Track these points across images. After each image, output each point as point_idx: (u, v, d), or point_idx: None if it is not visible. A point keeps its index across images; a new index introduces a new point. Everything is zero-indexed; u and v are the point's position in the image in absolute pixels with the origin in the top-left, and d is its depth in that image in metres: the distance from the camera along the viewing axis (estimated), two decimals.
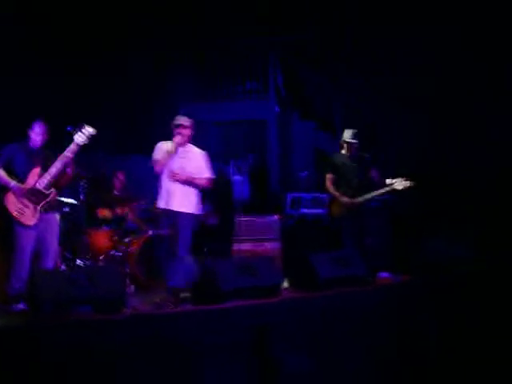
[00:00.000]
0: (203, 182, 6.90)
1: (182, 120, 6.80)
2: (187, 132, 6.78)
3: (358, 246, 7.66)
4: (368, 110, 10.99)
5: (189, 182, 6.77)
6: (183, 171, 6.74)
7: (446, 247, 8.14)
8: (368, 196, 7.86)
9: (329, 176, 7.95)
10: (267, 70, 11.34)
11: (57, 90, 9.24)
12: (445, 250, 8.11)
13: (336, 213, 7.91)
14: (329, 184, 7.93)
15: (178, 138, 6.72)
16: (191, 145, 6.94)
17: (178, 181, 6.70)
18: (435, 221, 8.98)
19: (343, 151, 8.03)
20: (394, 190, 7.79)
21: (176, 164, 6.75)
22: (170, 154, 6.69)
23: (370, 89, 11.06)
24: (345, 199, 7.79)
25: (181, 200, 6.73)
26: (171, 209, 6.70)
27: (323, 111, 11.54)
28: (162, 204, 6.74)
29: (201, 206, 7.05)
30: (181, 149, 6.77)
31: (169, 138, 6.80)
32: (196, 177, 6.81)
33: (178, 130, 6.75)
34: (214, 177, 7.03)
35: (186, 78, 11.15)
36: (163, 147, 6.78)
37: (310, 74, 11.54)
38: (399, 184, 7.73)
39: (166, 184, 6.73)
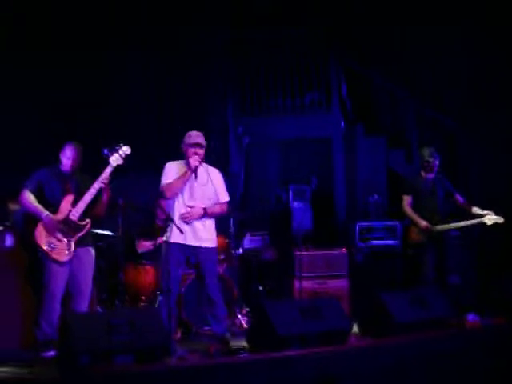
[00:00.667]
0: (221, 210, 6.81)
1: (199, 138, 6.66)
2: (203, 151, 6.65)
3: (440, 281, 7.58)
4: (449, 121, 10.91)
5: (208, 214, 6.69)
6: (202, 200, 6.65)
7: None
8: (451, 226, 7.84)
9: (406, 197, 8.04)
10: (329, 78, 11.30)
11: (92, 106, 9.42)
12: None
13: (415, 239, 7.94)
14: (406, 207, 8.02)
15: (195, 160, 6.55)
16: (205, 164, 6.82)
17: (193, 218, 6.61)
18: None
19: (422, 172, 8.02)
20: (482, 224, 7.73)
21: (193, 192, 6.65)
22: (185, 179, 6.58)
23: (452, 94, 11.03)
24: (423, 224, 7.80)
25: (203, 233, 6.67)
26: (192, 244, 6.59)
27: (395, 124, 11.48)
28: (176, 238, 6.50)
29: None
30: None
31: (180, 157, 6.71)
32: (212, 205, 6.71)
33: (194, 150, 6.59)
34: (229, 200, 6.92)
35: (237, 90, 11.18)
36: (174, 168, 6.67)
37: (378, 79, 11.51)
38: (489, 219, 7.66)
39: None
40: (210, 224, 6.77)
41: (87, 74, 9.38)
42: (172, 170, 6.66)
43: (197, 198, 6.65)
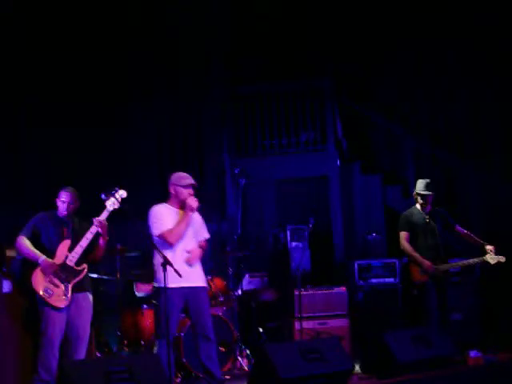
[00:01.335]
0: (206, 247, 6.79)
1: (190, 179, 6.61)
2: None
3: (442, 320, 7.47)
4: (444, 157, 10.91)
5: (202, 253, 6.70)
6: (192, 239, 6.59)
7: None
8: (454, 265, 7.76)
9: (404, 234, 7.87)
10: (324, 116, 11.32)
11: (93, 151, 9.43)
12: None
13: (417, 278, 7.74)
14: (405, 244, 7.83)
15: (195, 201, 6.50)
16: None
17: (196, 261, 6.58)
18: None
19: (417, 206, 7.94)
20: (485, 262, 7.64)
21: (192, 231, 6.59)
22: (188, 221, 6.50)
23: (447, 131, 11.05)
24: (427, 264, 7.64)
25: (200, 272, 6.62)
26: (189, 285, 6.45)
27: (391, 162, 11.47)
28: (173, 282, 6.20)
29: None
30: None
31: (174, 197, 6.60)
32: (200, 243, 6.71)
33: (188, 191, 6.54)
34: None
35: (232, 130, 11.19)
36: (166, 212, 6.55)
37: (373, 118, 11.53)
38: (492, 257, 7.57)
39: (181, 256, 6.46)
40: (199, 263, 6.70)
41: (88, 118, 9.42)
42: (165, 215, 6.53)
43: (190, 237, 6.57)
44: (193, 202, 6.47)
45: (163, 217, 6.49)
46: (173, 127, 10.40)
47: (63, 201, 6.53)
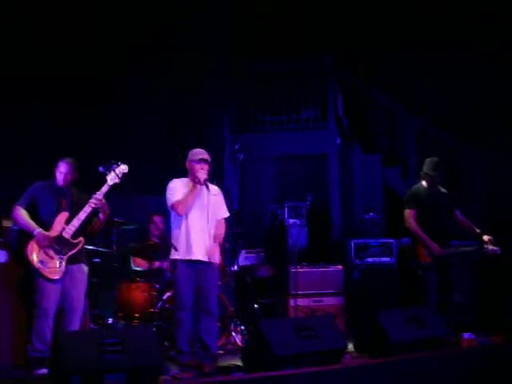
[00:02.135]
0: (225, 227, 7.00)
1: (204, 154, 6.83)
2: (208, 167, 6.80)
3: (443, 303, 7.43)
4: (447, 140, 10.87)
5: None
6: (209, 215, 6.76)
7: None
8: (459, 250, 7.69)
9: (411, 212, 7.60)
10: (325, 94, 11.27)
11: (92, 125, 9.39)
12: None
13: (425, 260, 7.53)
14: (413, 223, 7.57)
15: (203, 174, 6.72)
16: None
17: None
18: None
19: (424, 183, 7.79)
20: (483, 252, 7.58)
21: (205, 206, 6.75)
22: (195, 194, 6.69)
23: (451, 114, 11.00)
24: (435, 248, 7.47)
25: (211, 248, 6.74)
26: (202, 260, 6.68)
27: (391, 142, 11.44)
28: (185, 254, 6.67)
29: None
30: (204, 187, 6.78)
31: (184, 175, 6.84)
32: (217, 224, 6.91)
33: (201, 166, 6.75)
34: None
35: (233, 105, 11.15)
36: (180, 185, 6.78)
37: (375, 97, 11.48)
38: (490, 248, 7.52)
39: (192, 230, 6.70)
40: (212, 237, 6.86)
41: (87, 92, 9.37)
42: (178, 187, 6.78)
43: (203, 213, 6.73)
44: (201, 174, 6.70)
45: (176, 189, 6.75)
46: (173, 102, 10.35)
47: (61, 171, 6.55)
